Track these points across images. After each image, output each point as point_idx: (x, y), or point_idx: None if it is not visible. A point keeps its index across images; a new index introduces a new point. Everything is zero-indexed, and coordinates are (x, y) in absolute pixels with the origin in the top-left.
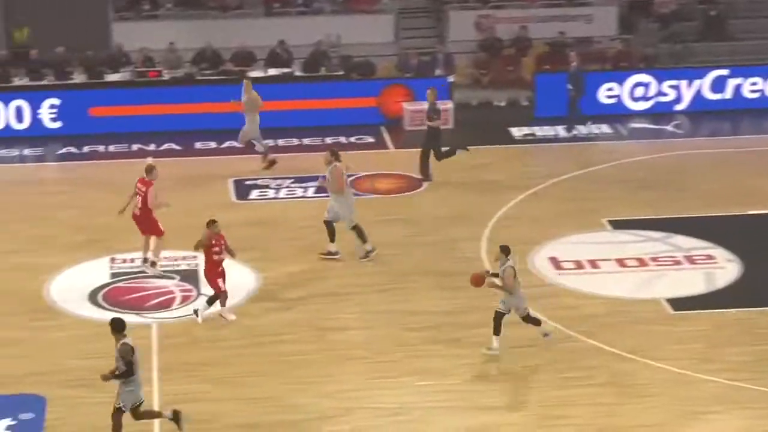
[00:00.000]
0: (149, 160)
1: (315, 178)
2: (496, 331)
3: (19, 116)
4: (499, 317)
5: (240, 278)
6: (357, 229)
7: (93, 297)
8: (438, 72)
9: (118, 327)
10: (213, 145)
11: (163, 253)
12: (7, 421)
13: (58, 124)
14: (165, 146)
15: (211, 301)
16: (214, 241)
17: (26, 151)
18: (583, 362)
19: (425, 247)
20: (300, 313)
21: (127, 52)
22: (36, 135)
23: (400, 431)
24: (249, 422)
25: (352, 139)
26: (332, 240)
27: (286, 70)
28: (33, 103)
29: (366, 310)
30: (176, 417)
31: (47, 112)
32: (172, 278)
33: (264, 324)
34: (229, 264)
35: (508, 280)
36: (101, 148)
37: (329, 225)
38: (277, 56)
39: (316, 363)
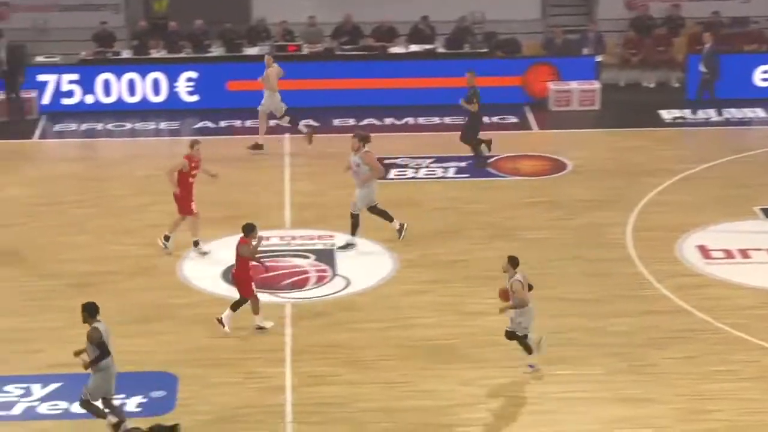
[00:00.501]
0: (286, 136)
1: (458, 158)
2: (528, 351)
3: (156, 89)
4: (519, 338)
5: (377, 260)
6: (354, 219)
7: (227, 275)
8: (586, 51)
9: (89, 312)
10: (351, 122)
11: (300, 232)
12: (138, 399)
13: (195, 98)
14: (302, 122)
15: (235, 307)
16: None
17: (162, 125)
18: (731, 356)
19: (569, 231)
20: (439, 297)
21: (267, 25)
22: (172, 108)
23: (538, 421)
24: (384, 407)
25: (495, 119)
26: (390, 220)
27: (428, 46)
28: (170, 76)
29: None
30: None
31: (184, 86)
32: (307, 257)
33: (401, 307)
34: (365, 245)
35: (518, 293)
36: (238, 122)
37: (374, 211)
38: (420, 32)
39: (455, 348)
